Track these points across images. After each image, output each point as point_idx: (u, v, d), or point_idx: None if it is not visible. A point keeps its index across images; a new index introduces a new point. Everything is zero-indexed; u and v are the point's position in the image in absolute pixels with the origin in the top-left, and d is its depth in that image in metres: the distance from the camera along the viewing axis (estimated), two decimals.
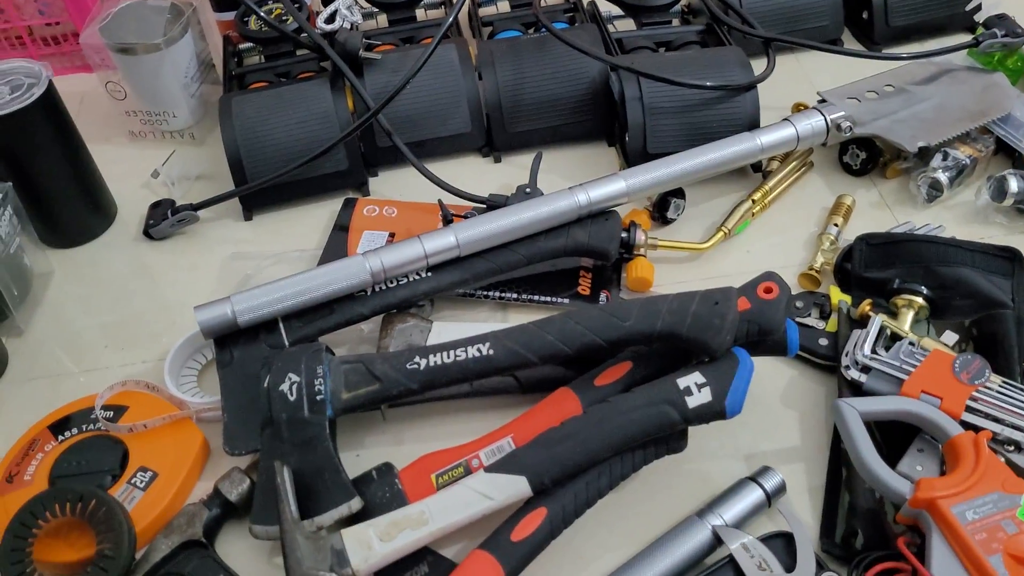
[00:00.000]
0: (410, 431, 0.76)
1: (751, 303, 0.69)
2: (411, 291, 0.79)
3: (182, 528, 0.67)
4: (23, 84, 0.85)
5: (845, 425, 0.66)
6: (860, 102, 0.91)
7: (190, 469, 0.72)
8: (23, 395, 0.81)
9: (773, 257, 0.86)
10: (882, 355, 0.72)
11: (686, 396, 0.65)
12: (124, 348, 0.84)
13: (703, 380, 0.65)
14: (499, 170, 0.99)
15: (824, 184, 0.93)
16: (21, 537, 0.64)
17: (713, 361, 0.67)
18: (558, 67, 0.97)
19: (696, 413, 0.65)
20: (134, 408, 0.75)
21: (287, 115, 0.93)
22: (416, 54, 0.96)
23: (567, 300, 0.83)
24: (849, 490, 0.68)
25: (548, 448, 0.65)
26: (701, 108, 0.90)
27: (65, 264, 0.92)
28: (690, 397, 0.65)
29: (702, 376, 0.65)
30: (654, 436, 0.65)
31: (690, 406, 0.65)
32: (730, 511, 0.67)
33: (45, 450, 0.72)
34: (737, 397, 0.65)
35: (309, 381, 0.69)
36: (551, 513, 0.64)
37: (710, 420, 0.66)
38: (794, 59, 1.07)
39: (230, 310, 0.74)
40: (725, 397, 0.65)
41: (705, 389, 0.65)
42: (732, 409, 0.65)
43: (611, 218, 0.83)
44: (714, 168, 0.85)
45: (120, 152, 1.04)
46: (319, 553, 0.62)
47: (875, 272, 0.80)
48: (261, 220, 0.96)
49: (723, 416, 0.65)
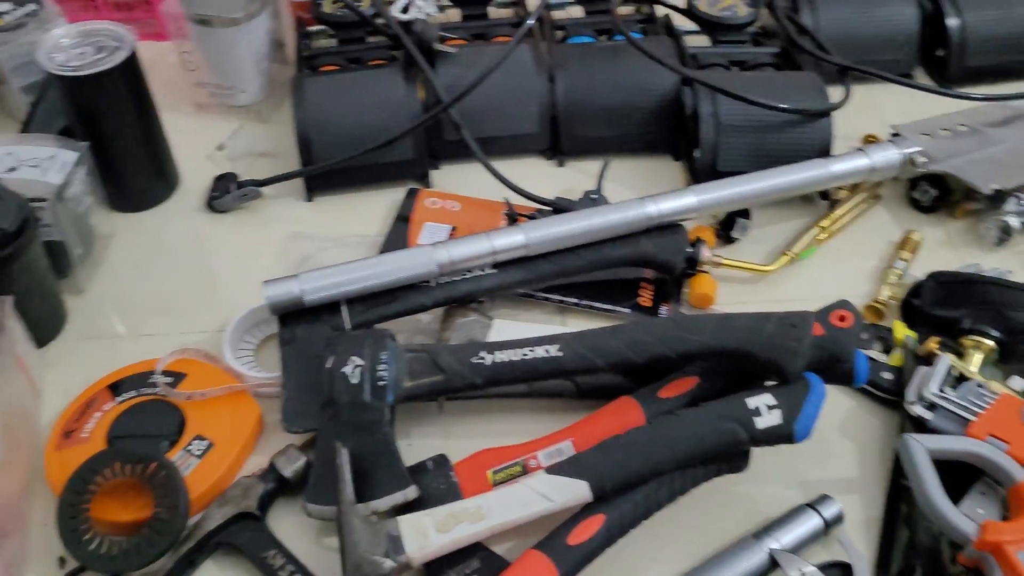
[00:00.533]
0: (460, 425, 0.76)
1: (824, 329, 0.68)
2: (474, 286, 0.79)
3: (237, 500, 0.67)
4: (107, 46, 0.85)
5: (912, 461, 0.66)
6: (934, 139, 0.91)
7: (245, 442, 0.72)
8: (79, 354, 0.81)
9: (836, 286, 0.86)
10: (949, 394, 0.71)
11: (755, 416, 0.64)
12: (180, 316, 0.84)
13: (774, 402, 0.65)
14: (561, 174, 0.99)
15: (890, 218, 0.93)
16: (80, 493, 0.64)
17: (784, 384, 0.66)
18: (630, 76, 0.96)
19: (764, 434, 0.64)
20: (192, 376, 0.75)
21: (359, 100, 0.93)
22: (490, 51, 0.96)
23: (627, 310, 0.83)
24: (909, 526, 0.67)
25: (611, 455, 0.64)
26: (774, 130, 0.90)
27: (127, 228, 0.92)
28: (759, 418, 0.64)
29: (773, 398, 0.65)
30: (719, 453, 0.65)
31: (758, 427, 0.64)
32: (787, 536, 0.66)
33: (103, 409, 0.72)
34: (807, 422, 0.64)
35: (373, 366, 0.69)
36: (609, 520, 0.63)
37: (777, 443, 0.65)
38: (864, 90, 1.06)
39: (297, 288, 0.74)
40: (795, 421, 0.64)
41: (775, 411, 0.64)
42: (801, 433, 0.64)
43: (678, 231, 0.82)
44: (785, 192, 0.85)
45: (186, 122, 1.04)
46: (375, 538, 0.62)
47: (943, 310, 0.79)
48: (322, 202, 0.96)
49: (791, 440, 0.65)
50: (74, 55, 0.84)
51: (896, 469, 0.72)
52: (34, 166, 0.79)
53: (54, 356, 0.81)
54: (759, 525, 0.68)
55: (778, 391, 0.66)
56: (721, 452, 0.65)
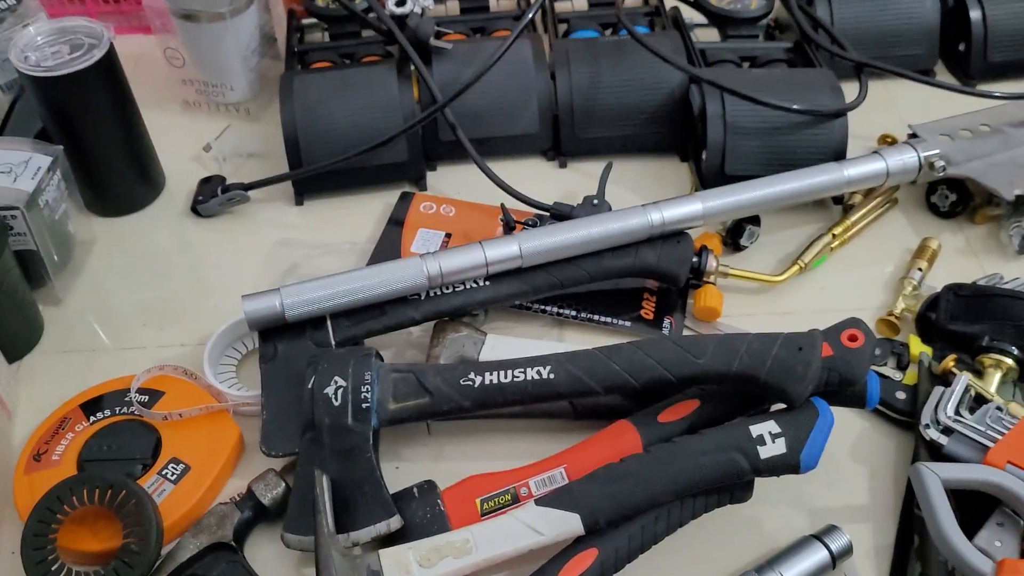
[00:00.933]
0: (452, 447, 0.73)
1: (833, 350, 0.64)
2: (467, 299, 0.75)
3: (212, 529, 0.64)
4: (83, 44, 0.81)
5: (925, 492, 0.62)
6: (953, 140, 0.86)
7: (224, 465, 0.69)
8: (56, 367, 0.78)
9: (849, 297, 0.82)
10: (966, 417, 0.67)
11: (759, 445, 0.61)
12: (162, 328, 0.81)
13: (778, 430, 0.61)
14: (563, 176, 0.95)
15: (907, 223, 0.88)
16: (46, 523, 0.61)
17: (790, 410, 0.62)
18: (636, 74, 0.92)
19: (768, 464, 0.61)
20: (170, 394, 0.71)
21: (350, 99, 0.89)
22: (488, 47, 0.92)
23: (628, 323, 0.79)
24: (921, 560, 0.64)
25: (605, 486, 0.61)
26: (786, 132, 0.85)
27: (108, 234, 0.89)
28: (763, 447, 0.61)
29: (777, 426, 0.61)
30: (720, 484, 0.61)
31: (762, 456, 0.61)
32: (791, 570, 0.63)
33: (76, 430, 0.69)
34: (814, 452, 0.61)
35: (356, 387, 0.65)
36: (602, 555, 0.60)
37: (782, 473, 0.61)
38: (882, 86, 1.01)
39: (279, 303, 0.71)
40: (801, 450, 0.60)
41: (780, 440, 0.61)
42: (807, 464, 0.61)
43: (683, 241, 0.78)
44: (796, 198, 0.81)
45: (172, 121, 1.01)
46: (354, 572, 0.59)
47: (961, 326, 0.75)
48: (312, 206, 0.92)
49: (796, 470, 0.61)
50: (48, 54, 0.80)
51: (909, 497, 0.68)
52: (5, 172, 0.76)
53: (28, 371, 0.78)
54: (762, 556, 0.65)
55: (783, 418, 0.62)
56: (723, 483, 0.61)
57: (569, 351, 0.66)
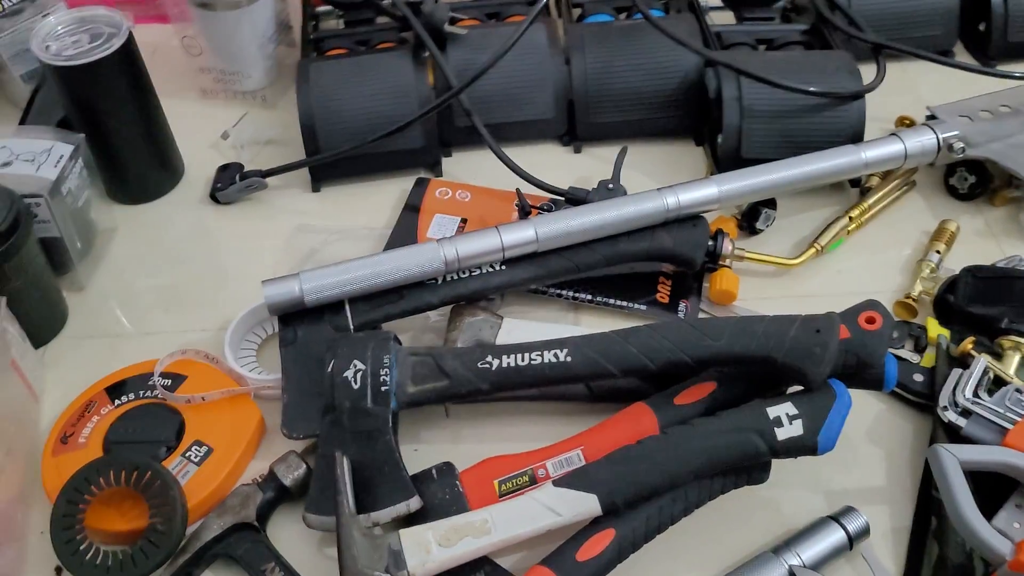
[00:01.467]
0: (470, 429, 0.73)
1: (851, 332, 0.64)
2: (483, 283, 0.76)
3: (235, 509, 0.65)
4: (103, 33, 0.82)
5: (943, 473, 0.62)
6: (973, 121, 0.85)
7: (246, 447, 0.70)
8: (80, 353, 0.79)
9: (866, 280, 0.82)
10: (985, 399, 0.67)
11: (776, 427, 0.61)
12: (183, 313, 0.82)
13: (795, 412, 0.61)
14: (578, 160, 0.95)
15: (925, 206, 0.88)
16: (74, 503, 0.62)
17: (808, 392, 0.62)
18: (651, 58, 0.92)
19: (785, 446, 0.61)
20: (192, 378, 0.72)
21: (365, 86, 0.90)
22: (503, 32, 0.92)
23: (644, 307, 0.79)
24: (939, 541, 0.64)
25: (623, 467, 0.61)
26: (802, 114, 0.85)
27: (129, 221, 0.90)
28: (780, 428, 0.61)
29: (794, 407, 0.61)
30: (736, 465, 0.62)
31: (779, 438, 0.61)
32: (808, 551, 0.63)
33: (101, 413, 0.70)
34: (831, 434, 0.61)
35: (375, 371, 0.66)
36: (620, 536, 0.60)
37: (798, 455, 0.62)
38: (899, 67, 1.01)
39: (298, 287, 0.72)
40: (818, 432, 0.61)
41: (797, 422, 0.61)
42: (824, 445, 0.61)
43: (699, 224, 0.78)
44: (813, 180, 0.81)
45: (189, 109, 1.01)
46: (375, 552, 0.60)
47: (980, 308, 0.74)
48: (329, 193, 0.93)
49: (814, 452, 0.61)
50: (69, 43, 0.81)
51: (926, 479, 0.68)
52: (29, 160, 0.77)
53: (54, 356, 0.79)
54: (779, 536, 0.65)
55: (800, 400, 0.62)
56: (740, 464, 0.62)
57: (586, 334, 0.67)
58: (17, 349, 0.71)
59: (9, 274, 0.72)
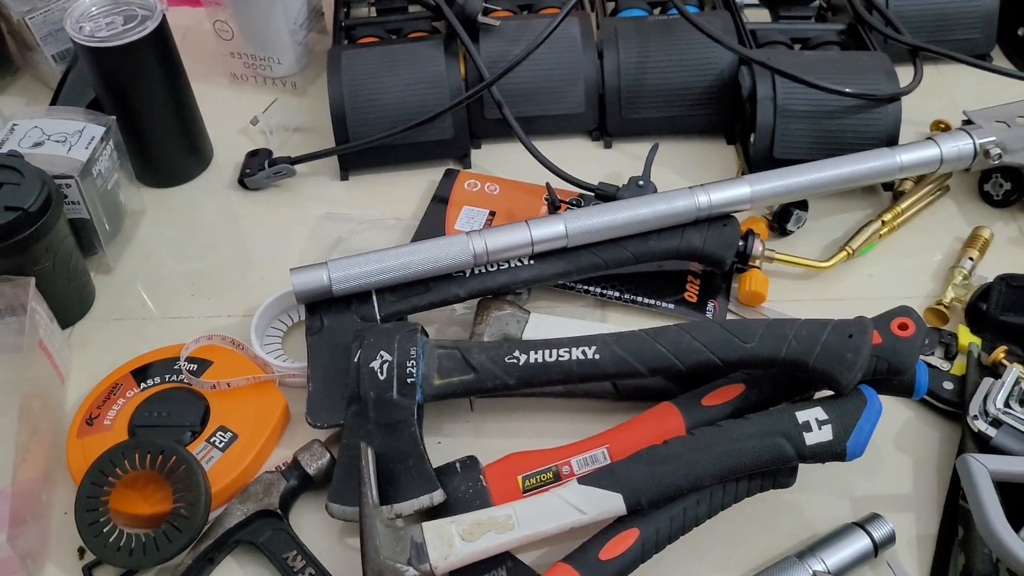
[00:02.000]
0: (494, 424, 0.73)
1: (883, 338, 0.63)
2: (511, 277, 0.75)
3: (258, 496, 0.65)
4: (137, 16, 0.82)
5: (973, 484, 0.61)
6: (1010, 127, 0.84)
7: (270, 434, 0.70)
8: (107, 335, 0.79)
9: (897, 285, 0.81)
10: (1016, 410, 0.66)
11: (804, 432, 0.60)
12: (210, 298, 0.82)
13: (825, 417, 0.61)
14: (608, 156, 0.94)
15: (958, 211, 0.87)
16: (98, 485, 0.63)
17: (838, 397, 0.62)
18: (685, 54, 0.91)
19: (813, 451, 0.60)
20: (218, 364, 0.73)
21: (397, 75, 0.89)
22: (536, 24, 0.91)
23: (672, 305, 0.79)
24: (965, 551, 0.63)
25: (649, 467, 0.61)
26: (837, 116, 0.84)
27: (158, 204, 0.90)
28: (809, 433, 0.60)
29: (824, 412, 0.61)
30: (764, 469, 0.61)
31: (807, 443, 0.60)
32: (833, 557, 0.62)
33: (127, 396, 0.71)
34: (860, 439, 0.60)
35: (401, 362, 0.66)
36: (644, 535, 0.60)
37: (827, 460, 0.61)
38: (935, 70, 0.99)
39: (326, 276, 0.72)
40: (847, 438, 0.60)
41: (826, 427, 0.60)
42: (853, 452, 0.60)
43: (730, 224, 0.77)
44: (847, 183, 0.80)
45: (219, 94, 1.01)
46: (398, 544, 0.60)
47: (1013, 317, 0.73)
48: (357, 181, 0.93)
49: (843, 458, 0.60)
50: (103, 25, 0.81)
51: (954, 487, 0.67)
52: (60, 141, 0.77)
53: (80, 337, 0.79)
54: (804, 541, 0.64)
55: (830, 405, 0.61)
56: (767, 468, 0.61)
57: (615, 332, 0.66)
58: (45, 330, 0.71)
59: (38, 255, 0.72)
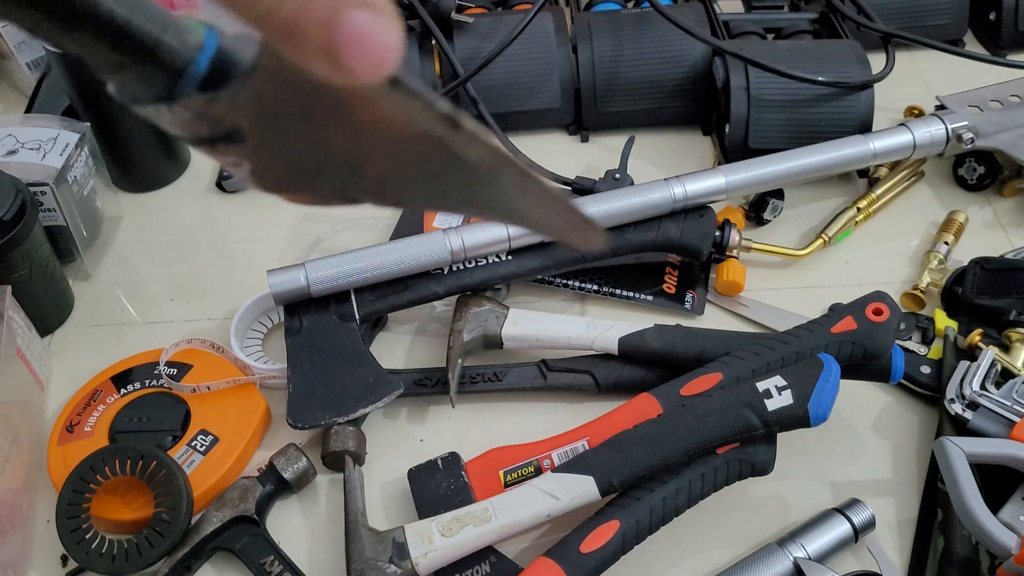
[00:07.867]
0: (477, 420, 0.73)
1: (858, 324, 0.64)
2: (489, 274, 0.75)
3: (234, 502, 0.65)
4: None
5: (949, 466, 0.61)
6: (982, 111, 0.85)
7: (251, 436, 0.70)
8: (86, 341, 0.79)
9: (873, 271, 0.81)
10: (992, 392, 0.67)
11: (766, 399, 0.61)
12: (189, 302, 0.82)
13: (784, 383, 0.61)
14: (585, 150, 0.94)
15: (934, 196, 0.87)
16: (79, 492, 0.62)
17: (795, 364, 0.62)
18: (659, 47, 0.91)
19: (776, 417, 0.60)
20: (198, 367, 0.72)
21: None
22: (510, 20, 0.91)
23: (650, 297, 0.79)
24: (944, 534, 0.63)
25: (619, 450, 0.61)
26: (811, 104, 0.84)
27: (135, 209, 0.90)
28: (770, 400, 0.61)
29: (783, 379, 0.61)
30: (732, 441, 0.61)
31: (770, 409, 0.60)
32: (813, 543, 0.63)
33: (107, 402, 0.70)
34: (822, 401, 0.60)
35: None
36: (624, 527, 0.60)
37: (792, 426, 0.61)
38: (909, 57, 1.00)
39: (304, 277, 0.72)
40: (807, 400, 0.60)
41: (786, 392, 0.61)
42: (816, 414, 0.60)
43: (706, 215, 0.78)
44: (821, 171, 0.80)
45: None
46: (380, 544, 0.60)
47: (988, 300, 0.74)
48: None
49: (807, 422, 0.60)
50: None
51: (932, 471, 0.68)
52: (34, 148, 0.77)
53: (60, 344, 0.79)
54: (784, 528, 0.65)
55: (788, 372, 0.62)
56: (735, 439, 0.61)
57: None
58: (23, 338, 0.71)
59: (14, 263, 0.72)
